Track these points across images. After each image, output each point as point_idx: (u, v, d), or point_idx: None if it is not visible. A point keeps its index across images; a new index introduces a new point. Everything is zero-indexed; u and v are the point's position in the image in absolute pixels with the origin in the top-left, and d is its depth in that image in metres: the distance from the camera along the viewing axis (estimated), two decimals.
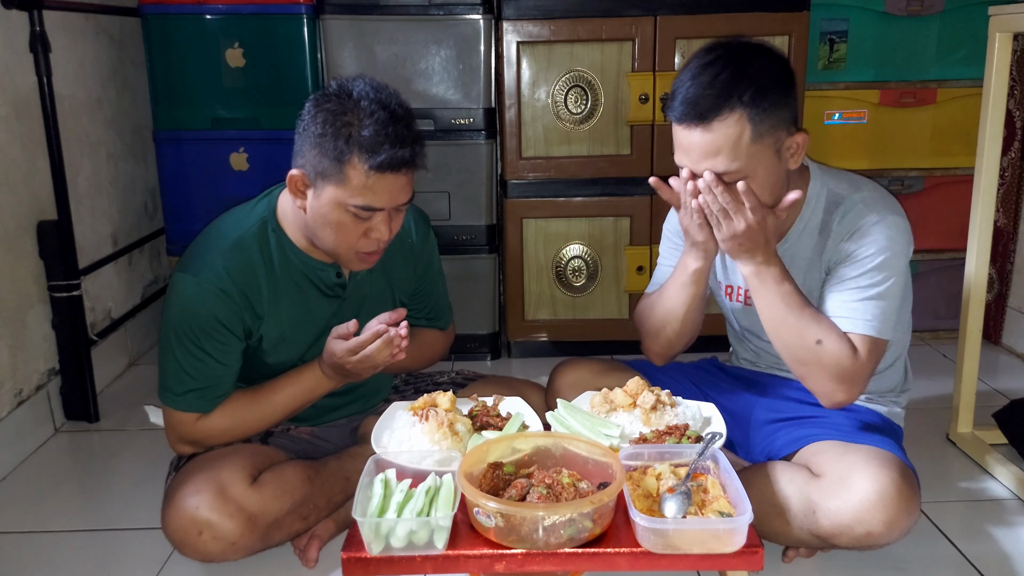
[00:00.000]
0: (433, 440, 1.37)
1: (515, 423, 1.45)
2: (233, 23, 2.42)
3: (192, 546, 1.43)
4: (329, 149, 1.38)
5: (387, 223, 1.45)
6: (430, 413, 1.40)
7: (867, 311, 1.43)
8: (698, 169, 1.39)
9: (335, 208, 1.41)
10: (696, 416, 1.48)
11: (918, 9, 2.56)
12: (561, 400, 1.49)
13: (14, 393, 2.04)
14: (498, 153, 2.57)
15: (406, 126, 1.41)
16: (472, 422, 1.45)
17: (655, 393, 1.46)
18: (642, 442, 1.38)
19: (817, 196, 1.51)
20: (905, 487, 1.37)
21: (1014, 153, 2.60)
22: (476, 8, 2.42)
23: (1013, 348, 2.67)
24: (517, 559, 1.18)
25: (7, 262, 2.01)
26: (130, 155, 2.69)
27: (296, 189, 1.45)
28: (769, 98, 1.35)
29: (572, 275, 2.61)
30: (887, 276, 1.44)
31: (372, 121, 1.37)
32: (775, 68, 1.38)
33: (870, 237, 1.44)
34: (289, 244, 1.55)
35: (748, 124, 1.34)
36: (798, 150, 1.42)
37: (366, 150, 1.37)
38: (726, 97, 1.33)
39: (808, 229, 1.51)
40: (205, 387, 1.52)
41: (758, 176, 1.38)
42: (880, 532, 1.36)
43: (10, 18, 2.02)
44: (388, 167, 1.38)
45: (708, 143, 1.35)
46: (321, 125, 1.39)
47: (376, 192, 1.40)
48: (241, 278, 1.49)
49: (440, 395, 1.47)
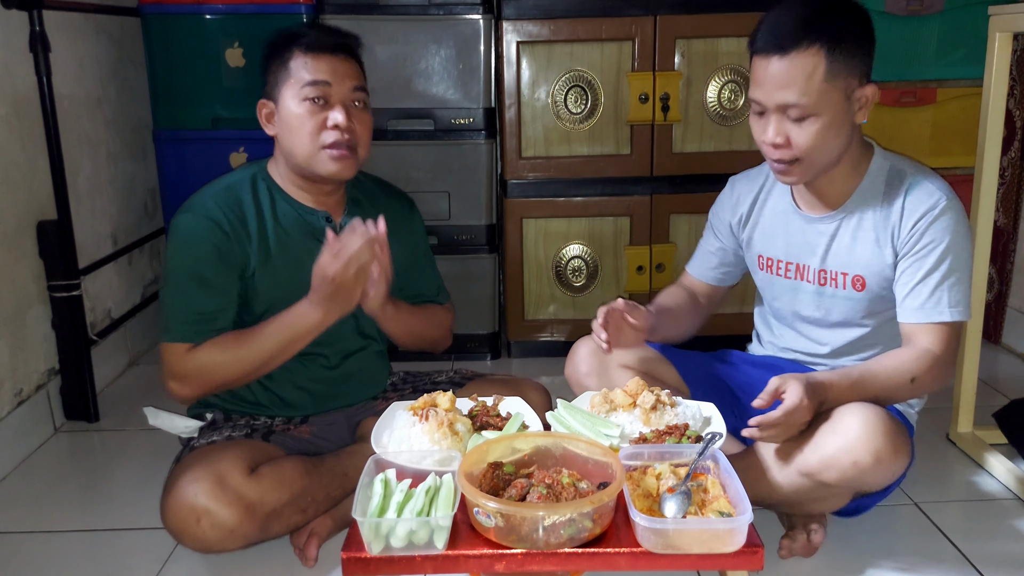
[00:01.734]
0: (433, 440, 1.37)
1: (515, 423, 1.45)
2: (233, 23, 2.42)
3: (191, 534, 1.43)
4: (277, 62, 1.59)
5: (343, 110, 1.57)
6: (430, 413, 1.41)
7: (946, 299, 1.47)
8: (769, 101, 1.43)
9: (292, 104, 1.57)
10: (696, 416, 1.48)
11: (918, 9, 2.55)
12: (561, 400, 1.50)
13: (14, 393, 2.04)
14: (498, 153, 2.57)
15: (337, 30, 1.66)
16: (472, 422, 1.45)
17: (655, 393, 1.46)
18: (642, 442, 1.38)
19: (879, 169, 1.54)
20: (893, 426, 1.40)
21: (1014, 153, 2.60)
22: (476, 8, 2.42)
23: (1013, 348, 2.67)
24: (517, 559, 1.18)
25: (7, 262, 2.01)
26: (130, 155, 2.69)
27: (264, 117, 1.63)
28: (848, 41, 1.40)
29: (572, 275, 2.61)
30: (960, 261, 1.48)
31: (306, 28, 1.65)
32: (858, 16, 1.44)
33: (941, 227, 1.47)
34: (279, 190, 1.66)
35: (824, 60, 1.39)
36: (867, 103, 1.46)
37: (300, 42, 1.58)
38: (806, 30, 1.38)
39: (871, 196, 1.53)
40: (200, 317, 1.57)
41: (825, 117, 1.42)
42: (867, 464, 1.38)
43: (10, 18, 2.02)
44: (320, 45, 1.57)
45: (783, 73, 1.40)
46: (272, 57, 1.60)
47: (318, 70, 1.56)
48: (232, 213, 1.59)
49: (440, 395, 1.47)
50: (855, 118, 1.46)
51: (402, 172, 2.48)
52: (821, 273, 1.60)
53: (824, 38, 1.38)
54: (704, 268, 1.80)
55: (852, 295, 1.57)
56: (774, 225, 1.66)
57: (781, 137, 1.44)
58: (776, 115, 1.44)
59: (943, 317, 1.47)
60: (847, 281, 1.57)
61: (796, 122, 1.43)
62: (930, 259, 1.47)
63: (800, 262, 1.63)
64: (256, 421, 1.69)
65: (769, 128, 1.45)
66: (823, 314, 1.62)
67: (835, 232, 1.57)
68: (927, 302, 1.48)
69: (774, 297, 1.71)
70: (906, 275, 1.50)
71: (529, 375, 2.28)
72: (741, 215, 1.71)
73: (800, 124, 1.43)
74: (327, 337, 1.68)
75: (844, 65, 1.40)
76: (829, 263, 1.59)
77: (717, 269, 1.79)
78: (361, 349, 1.77)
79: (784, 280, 1.66)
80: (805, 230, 1.61)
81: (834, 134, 1.44)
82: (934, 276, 1.47)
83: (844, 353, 1.65)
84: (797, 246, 1.63)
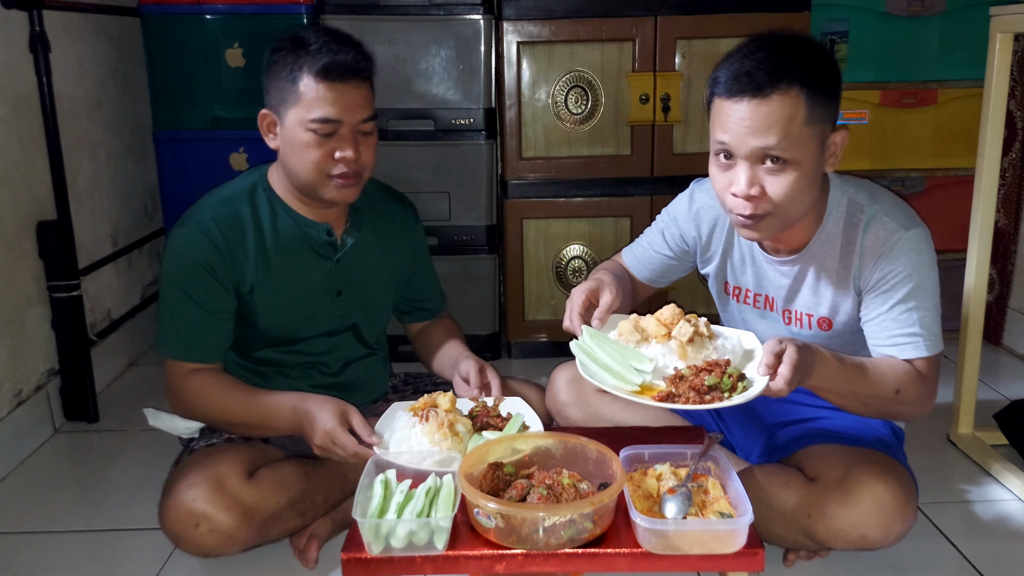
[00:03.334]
0: (433, 441, 1.37)
1: (515, 423, 1.45)
2: (233, 23, 2.42)
3: (189, 539, 1.43)
4: (285, 75, 1.50)
5: (351, 143, 1.51)
6: (430, 414, 1.40)
7: (917, 334, 1.41)
8: (743, 147, 1.30)
9: (298, 130, 1.49)
10: (736, 348, 1.36)
11: (919, 9, 2.56)
12: (586, 327, 1.39)
13: (14, 393, 2.03)
14: (498, 153, 2.57)
15: (348, 41, 1.53)
16: (472, 423, 1.45)
17: (692, 323, 1.34)
18: (678, 379, 1.27)
19: (838, 204, 1.45)
20: (901, 493, 1.36)
21: (1015, 154, 2.60)
22: (476, 8, 2.42)
23: (1014, 349, 2.67)
24: (517, 560, 1.17)
25: (7, 262, 2.01)
26: (130, 155, 2.69)
27: (266, 128, 1.56)
28: (822, 84, 1.31)
29: (572, 275, 2.61)
30: (923, 291, 1.41)
31: (316, 39, 1.50)
32: (827, 60, 1.35)
33: (900, 259, 1.40)
34: (279, 202, 1.61)
35: (804, 104, 1.29)
36: (837, 149, 1.37)
37: (312, 60, 1.48)
38: (785, 72, 1.28)
39: (830, 238, 1.45)
40: (193, 335, 1.55)
41: (802, 167, 1.31)
42: (876, 537, 1.36)
43: (10, 18, 2.02)
44: (334, 73, 1.47)
45: (763, 116, 1.28)
46: (278, 63, 1.51)
47: (329, 103, 1.48)
48: (228, 229, 1.56)
49: (440, 395, 1.46)
50: (826, 166, 1.38)
51: (402, 173, 2.48)
52: (786, 313, 1.55)
53: (804, 80, 1.28)
54: (644, 268, 1.70)
55: (819, 334, 1.52)
56: (743, 255, 1.57)
57: (756, 188, 1.32)
58: (749, 163, 1.32)
59: (918, 352, 1.41)
60: (812, 322, 1.52)
61: (771, 172, 1.31)
62: (895, 293, 1.41)
63: (769, 294, 1.57)
64: None
65: (741, 178, 1.32)
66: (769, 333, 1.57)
67: (797, 275, 1.50)
68: (897, 337, 1.42)
69: (744, 323, 1.64)
70: (872, 310, 1.44)
71: (529, 376, 2.27)
72: (700, 236, 1.62)
73: (776, 175, 1.31)
74: (328, 347, 1.68)
75: (821, 110, 1.31)
76: (794, 304, 1.53)
77: (656, 272, 1.70)
78: (362, 357, 1.76)
79: (754, 310, 1.60)
80: (767, 269, 1.54)
81: (808, 186, 1.34)
82: (900, 309, 1.41)
83: None
84: (766, 279, 1.56)
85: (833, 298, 1.48)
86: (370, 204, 1.73)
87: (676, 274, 1.71)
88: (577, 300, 1.45)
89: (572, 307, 1.46)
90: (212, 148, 2.50)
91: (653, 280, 1.71)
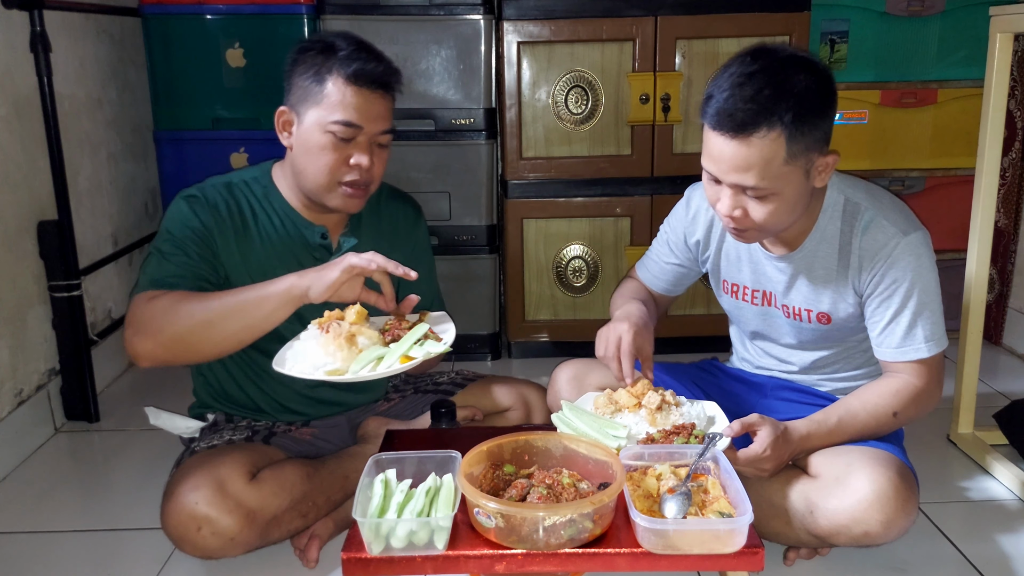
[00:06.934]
0: (328, 352, 1.37)
1: (420, 330, 1.43)
2: (233, 23, 2.42)
3: (191, 542, 1.43)
4: (311, 74, 1.50)
5: (367, 152, 1.51)
6: (331, 326, 1.40)
7: (920, 335, 1.45)
8: (725, 180, 1.36)
9: (317, 131, 1.49)
10: (700, 415, 1.47)
11: (919, 9, 2.56)
12: (565, 401, 1.48)
13: (14, 393, 2.03)
14: (498, 153, 2.57)
15: (380, 54, 1.55)
16: (384, 336, 1.43)
17: (660, 393, 1.46)
18: (650, 442, 1.37)
19: (834, 204, 1.48)
20: (903, 487, 1.37)
21: (1015, 153, 2.60)
22: (476, 8, 2.42)
23: (1014, 349, 2.67)
24: (517, 559, 1.18)
25: (7, 262, 2.01)
26: (130, 155, 2.69)
27: (282, 125, 1.55)
28: (808, 120, 1.32)
29: (572, 275, 2.61)
30: (924, 294, 1.44)
31: (347, 45, 1.52)
32: (818, 86, 1.34)
33: (900, 264, 1.43)
34: (279, 199, 1.62)
35: (784, 145, 1.31)
36: (826, 170, 1.39)
37: (342, 63, 1.49)
38: (767, 115, 1.29)
39: (826, 237, 1.48)
40: (168, 275, 1.48)
41: (783, 196, 1.36)
42: (878, 532, 1.36)
43: (10, 18, 2.02)
44: (364, 79, 1.49)
45: (741, 157, 1.32)
46: (305, 63, 1.51)
47: (354, 108, 1.48)
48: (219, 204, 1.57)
49: (350, 309, 1.43)
50: (814, 184, 1.40)
51: (402, 172, 2.48)
52: (785, 307, 1.57)
53: (786, 121, 1.29)
54: (659, 280, 1.74)
55: (819, 327, 1.55)
56: (739, 252, 1.61)
57: (739, 211, 1.38)
58: (732, 189, 1.37)
59: (920, 354, 1.45)
60: (812, 316, 1.54)
61: (753, 199, 1.36)
62: (896, 299, 1.44)
63: (767, 289, 1.60)
64: (257, 423, 1.68)
65: (725, 200, 1.38)
66: (794, 339, 1.61)
67: (794, 272, 1.53)
68: (902, 342, 1.45)
69: (745, 322, 1.68)
70: (875, 317, 1.47)
71: (529, 376, 2.27)
72: (698, 238, 1.65)
73: (758, 202, 1.36)
74: None
75: (805, 144, 1.32)
76: (792, 300, 1.55)
77: (670, 282, 1.74)
78: None
79: (752, 307, 1.63)
80: (765, 265, 1.57)
81: (791, 208, 1.38)
82: (904, 315, 1.44)
83: (813, 370, 1.64)
84: (763, 274, 1.59)
85: (832, 296, 1.51)
86: (371, 203, 1.72)
87: (689, 280, 1.76)
88: (627, 365, 1.49)
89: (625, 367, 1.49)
90: (212, 148, 2.50)
91: (669, 290, 1.76)
